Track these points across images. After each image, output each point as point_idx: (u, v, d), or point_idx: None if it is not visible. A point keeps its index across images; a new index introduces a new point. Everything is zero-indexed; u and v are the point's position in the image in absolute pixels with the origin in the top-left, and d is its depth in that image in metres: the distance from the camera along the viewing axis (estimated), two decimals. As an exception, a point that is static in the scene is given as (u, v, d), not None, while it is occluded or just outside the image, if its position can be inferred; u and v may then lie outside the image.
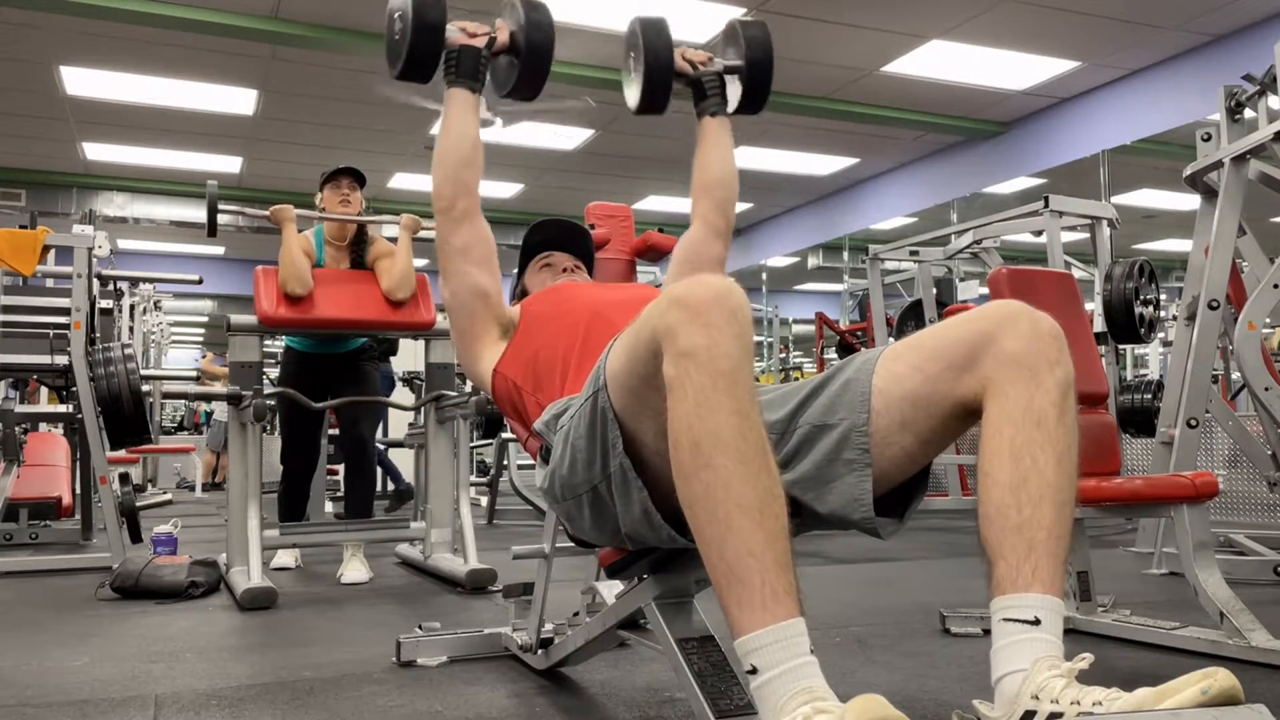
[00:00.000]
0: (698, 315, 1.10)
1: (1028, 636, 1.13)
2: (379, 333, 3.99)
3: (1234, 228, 3.15)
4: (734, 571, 1.07)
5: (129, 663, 2.24)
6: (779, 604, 1.06)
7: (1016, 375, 1.21)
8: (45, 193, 9.80)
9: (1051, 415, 1.20)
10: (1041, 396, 1.20)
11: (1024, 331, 1.23)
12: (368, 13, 6.31)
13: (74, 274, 3.85)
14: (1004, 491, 1.18)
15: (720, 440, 1.08)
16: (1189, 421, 3.15)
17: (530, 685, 2.02)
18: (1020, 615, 1.14)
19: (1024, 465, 1.18)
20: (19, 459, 4.07)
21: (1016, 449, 1.19)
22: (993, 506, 1.19)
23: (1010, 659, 1.13)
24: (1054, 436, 1.19)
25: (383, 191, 10.63)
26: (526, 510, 5.65)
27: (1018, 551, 1.16)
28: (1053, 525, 1.17)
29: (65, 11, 6.08)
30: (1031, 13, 6.23)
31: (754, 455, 1.08)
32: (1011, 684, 1.11)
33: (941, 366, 1.27)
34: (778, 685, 1.04)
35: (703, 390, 1.08)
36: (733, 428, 1.08)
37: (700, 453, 1.09)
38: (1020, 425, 1.20)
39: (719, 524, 1.08)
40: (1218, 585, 2.27)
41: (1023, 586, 1.15)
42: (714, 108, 1.98)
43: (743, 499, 1.07)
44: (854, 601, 3.06)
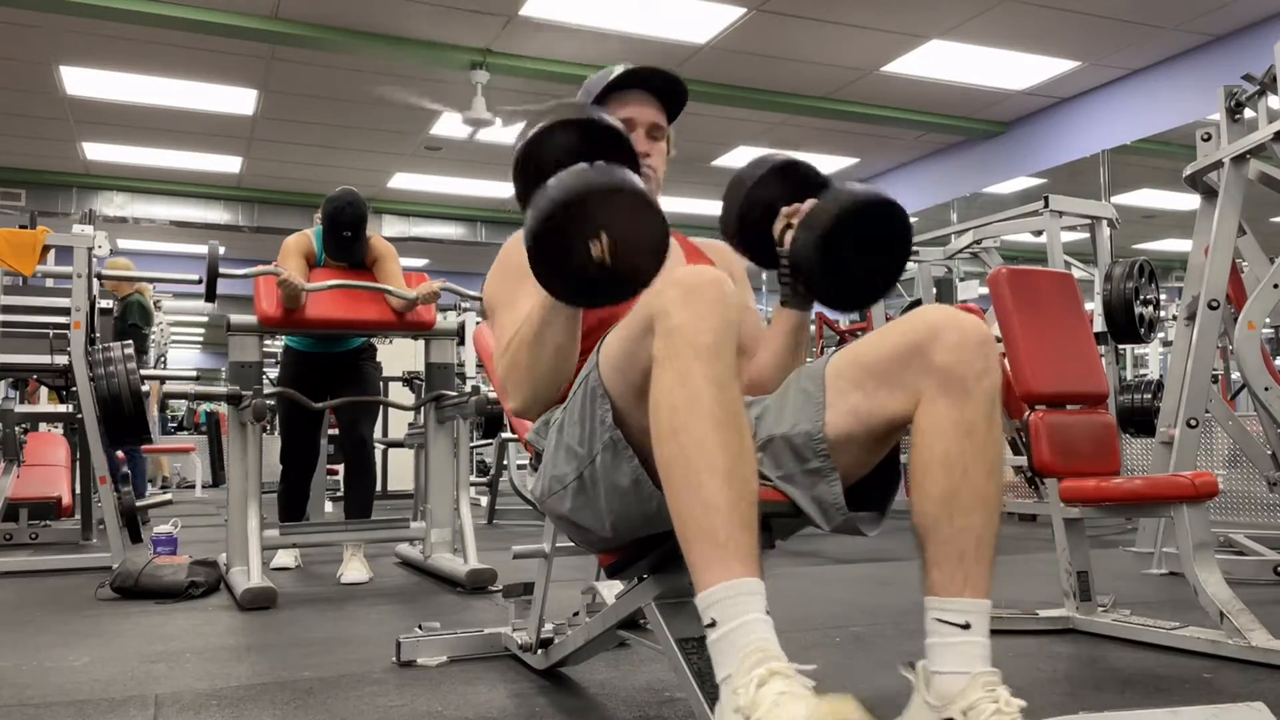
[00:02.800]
0: (690, 292, 1.18)
1: (961, 640, 1.22)
2: (379, 333, 3.99)
3: (1234, 228, 3.15)
4: (701, 528, 1.13)
5: (129, 663, 2.24)
6: (740, 562, 1.12)
7: (946, 388, 1.26)
8: (45, 193, 9.81)
9: (981, 427, 1.26)
10: (971, 409, 1.25)
11: (952, 343, 1.27)
12: (368, 13, 6.32)
13: (74, 274, 3.85)
14: (936, 504, 1.25)
15: (697, 405, 1.15)
16: (1189, 421, 3.15)
17: (530, 685, 2.02)
18: (953, 619, 1.23)
19: (955, 477, 1.25)
20: (19, 459, 4.07)
21: (949, 461, 1.25)
22: (927, 517, 1.26)
23: (944, 658, 1.23)
24: (984, 447, 1.26)
25: (383, 191, 10.64)
26: (526, 510, 5.65)
27: (950, 560, 1.24)
28: (982, 533, 1.25)
29: (65, 11, 6.08)
30: (1031, 13, 6.23)
31: (729, 421, 1.15)
32: (949, 685, 1.20)
33: (877, 383, 1.32)
34: (734, 638, 1.10)
35: (685, 360, 1.16)
36: (710, 395, 1.15)
37: (678, 416, 1.16)
38: (951, 438, 1.25)
39: (690, 483, 1.14)
40: (1218, 585, 2.27)
41: (955, 592, 1.24)
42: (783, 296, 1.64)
43: (714, 460, 1.14)
44: (854, 601, 3.06)
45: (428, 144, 9.04)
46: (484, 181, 10.14)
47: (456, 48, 6.83)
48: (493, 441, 5.77)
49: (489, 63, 6.92)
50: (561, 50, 6.88)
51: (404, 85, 7.39)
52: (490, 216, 11.34)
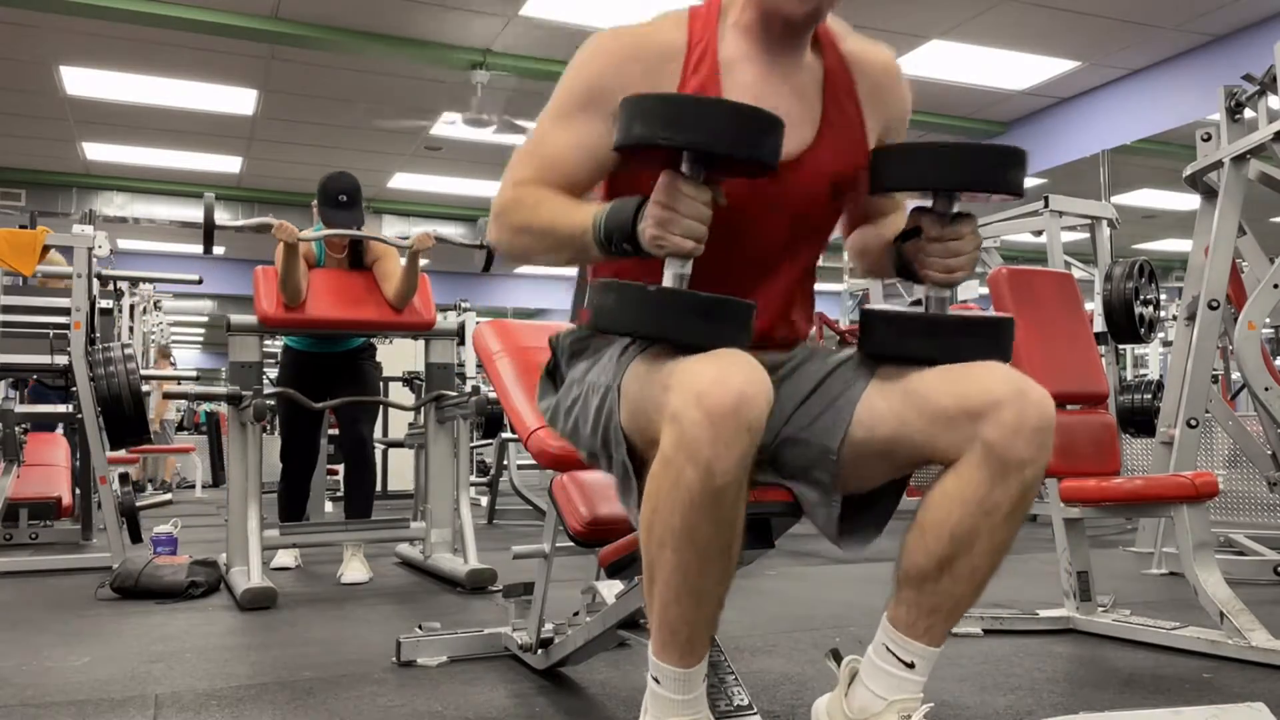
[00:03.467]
0: (714, 425, 1.10)
1: (900, 675, 1.26)
2: (379, 333, 3.99)
3: (1234, 228, 3.15)
4: (670, 628, 1.22)
5: (129, 663, 2.24)
6: (694, 654, 1.24)
7: (984, 463, 1.19)
8: (45, 193, 9.81)
9: (1003, 509, 1.20)
10: (1001, 492, 1.19)
11: (1007, 423, 1.18)
12: (368, 13, 6.32)
13: (74, 274, 3.85)
14: (931, 563, 1.23)
15: (694, 540, 1.15)
16: (1189, 421, 3.15)
17: (530, 685, 2.02)
18: (901, 655, 1.26)
19: (957, 547, 1.22)
20: (19, 459, 4.07)
21: (960, 532, 1.21)
22: (916, 569, 1.25)
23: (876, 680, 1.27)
24: (998, 529, 1.21)
25: (383, 191, 10.64)
26: (526, 510, 5.65)
27: (922, 610, 1.25)
28: (962, 600, 1.26)
29: (65, 11, 6.09)
30: (1031, 13, 6.23)
31: (718, 555, 1.18)
32: (868, 703, 1.27)
33: (922, 424, 1.24)
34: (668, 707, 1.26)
35: (693, 493, 1.12)
36: (708, 534, 1.15)
37: (674, 537, 1.16)
38: (971, 513, 1.20)
39: (668, 595, 1.20)
40: (1218, 585, 2.27)
41: (915, 635, 1.26)
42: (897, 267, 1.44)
43: (696, 587, 1.19)
44: (854, 601, 3.06)
45: (428, 144, 9.04)
46: (484, 181, 10.14)
47: (456, 48, 6.83)
48: (493, 441, 5.77)
49: (489, 63, 6.93)
50: (562, 50, 6.88)
51: (392, 96, 7.39)
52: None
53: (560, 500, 1.75)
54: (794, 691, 1.93)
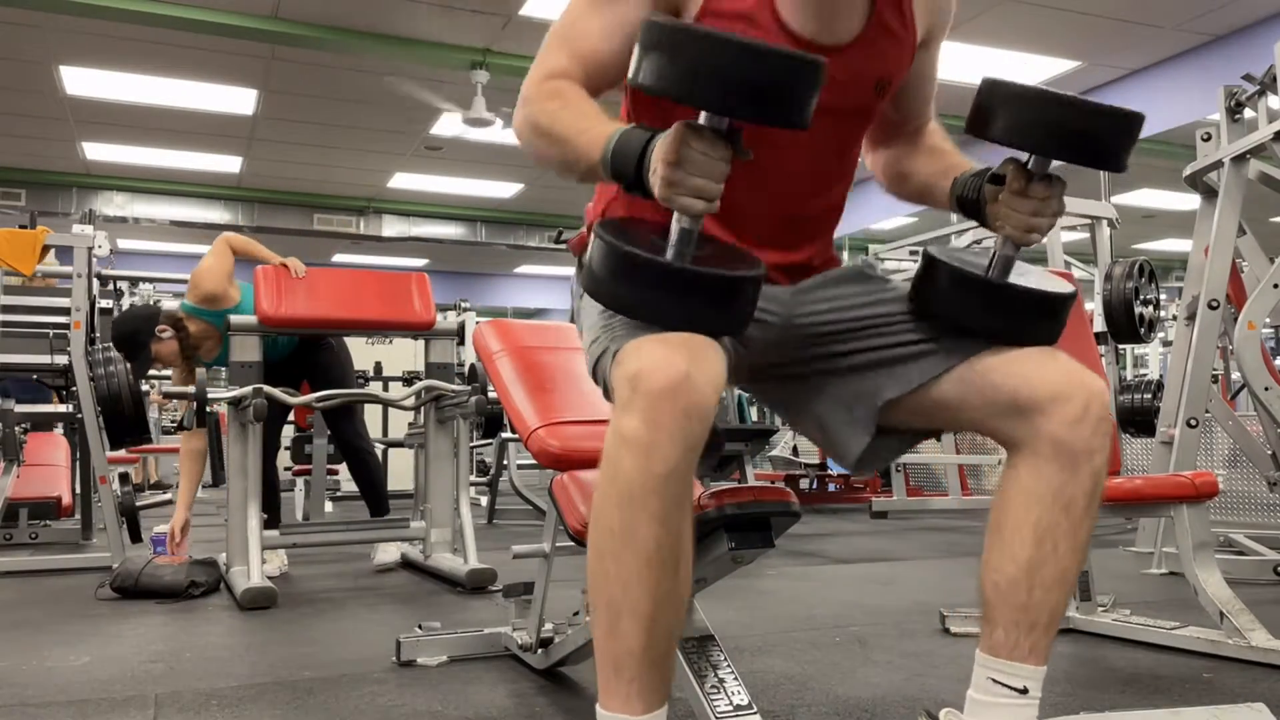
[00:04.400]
0: (650, 408, 1.04)
1: (1014, 703, 1.19)
2: (379, 333, 4.00)
3: (1234, 227, 3.15)
4: (612, 658, 1.11)
5: (129, 663, 2.24)
6: (641, 699, 1.10)
7: (1054, 456, 1.18)
8: (45, 193, 9.81)
9: (1080, 503, 1.19)
10: (1075, 485, 1.18)
11: (1073, 416, 1.18)
12: (368, 13, 6.32)
13: (74, 274, 3.85)
14: (1019, 569, 1.19)
15: (633, 541, 1.07)
16: (1189, 421, 3.15)
17: (530, 685, 2.02)
18: (1011, 682, 1.19)
19: (1044, 549, 1.18)
20: (19, 459, 4.07)
21: (1040, 532, 1.18)
22: (1005, 579, 1.20)
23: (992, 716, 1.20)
24: (1079, 525, 1.19)
25: (383, 191, 10.64)
26: (526, 510, 5.65)
27: (1020, 627, 1.19)
28: (1056, 608, 1.20)
29: (65, 11, 6.09)
30: (1031, 13, 6.24)
31: (661, 563, 1.08)
32: None
33: (982, 408, 1.24)
34: None
35: (631, 484, 1.06)
36: (648, 533, 1.07)
37: (613, 540, 1.09)
38: (1049, 508, 1.18)
39: (611, 616, 1.10)
40: (1218, 585, 2.27)
41: (1019, 657, 1.19)
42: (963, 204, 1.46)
43: (638, 604, 1.08)
44: (854, 601, 3.06)
45: (428, 144, 9.04)
46: (484, 181, 10.14)
47: (456, 48, 6.83)
48: (493, 441, 5.77)
49: (489, 63, 6.93)
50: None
51: (411, 80, 7.39)
52: (490, 216, 11.34)
53: (560, 500, 1.75)
54: (794, 691, 1.93)
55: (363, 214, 11.08)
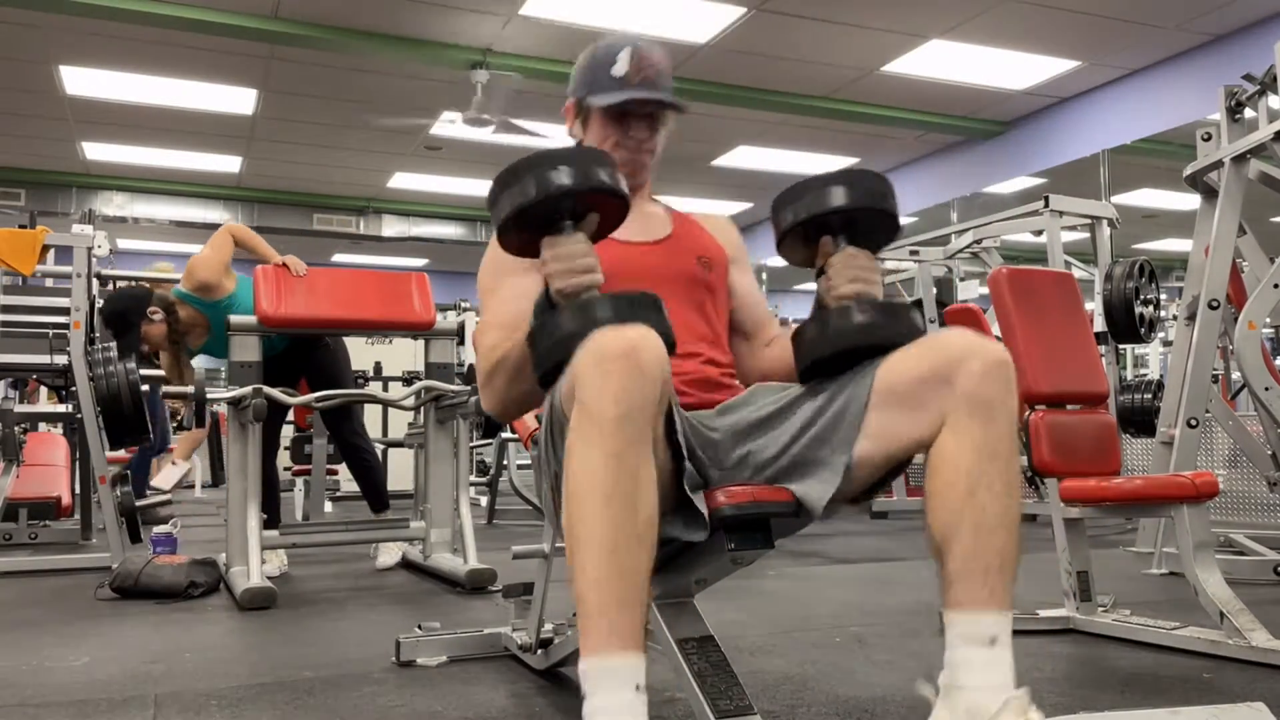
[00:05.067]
0: (599, 363, 1.19)
1: (988, 655, 1.24)
2: (379, 333, 4.01)
3: (1234, 227, 3.15)
4: (582, 600, 1.18)
5: (129, 663, 2.24)
6: (614, 638, 1.16)
7: (971, 412, 1.29)
8: (45, 192, 9.80)
9: (1003, 449, 1.29)
10: (994, 432, 1.29)
11: (976, 371, 1.30)
12: (368, 13, 6.32)
13: (74, 274, 3.85)
14: (959, 518, 1.27)
15: (591, 479, 1.17)
16: (1189, 421, 3.15)
17: (530, 685, 2.02)
18: (977, 633, 1.25)
19: (979, 495, 1.27)
20: (18, 459, 4.07)
21: (973, 480, 1.28)
22: (950, 530, 1.28)
23: (973, 673, 1.24)
24: (1006, 468, 1.29)
25: (383, 191, 10.64)
26: (526, 510, 5.65)
27: (975, 575, 1.26)
28: (1005, 549, 1.27)
29: (65, 11, 6.09)
30: (1031, 13, 6.23)
31: (619, 497, 1.17)
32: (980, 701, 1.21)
33: (906, 409, 1.35)
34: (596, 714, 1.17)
35: (587, 433, 1.18)
36: (604, 470, 1.17)
37: (574, 487, 1.19)
38: (976, 458, 1.28)
39: (577, 555, 1.18)
40: (1218, 585, 2.27)
41: (980, 605, 1.25)
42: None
43: (599, 537, 1.17)
44: (854, 601, 3.06)
45: (428, 144, 9.04)
46: (484, 181, 10.07)
47: (456, 48, 6.83)
48: (493, 441, 5.77)
49: (489, 63, 6.93)
50: (562, 50, 6.88)
51: (392, 96, 7.39)
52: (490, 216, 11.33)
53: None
54: (794, 691, 1.93)
55: (362, 214, 11.08)
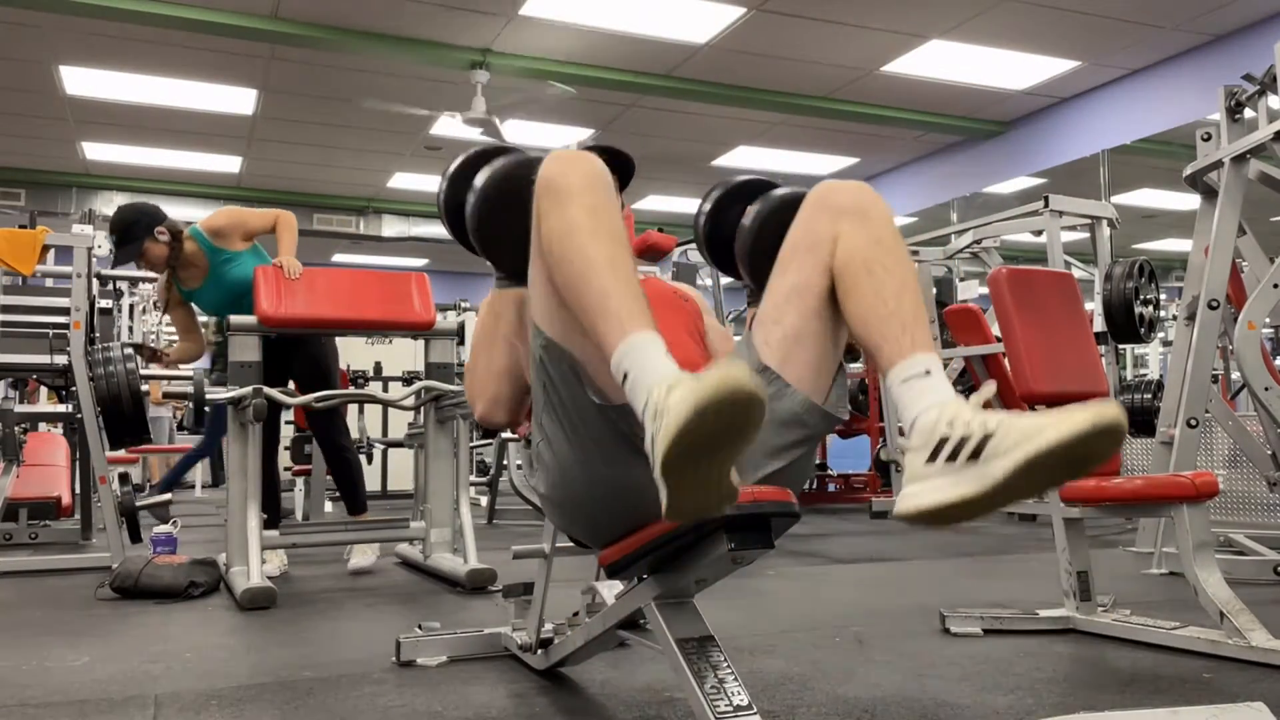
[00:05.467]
0: (556, 158, 1.37)
1: (927, 384, 1.31)
2: (379, 332, 4.00)
3: (1234, 227, 3.15)
4: (599, 309, 1.26)
5: (129, 663, 2.24)
6: (635, 321, 1.24)
7: (849, 221, 1.46)
8: (45, 193, 9.80)
9: (888, 236, 1.45)
10: (875, 226, 1.45)
11: (839, 193, 1.50)
12: (368, 13, 6.32)
13: (74, 274, 3.85)
14: (869, 296, 1.40)
15: (574, 226, 1.31)
16: (1189, 421, 3.15)
17: (530, 685, 2.02)
18: (914, 372, 1.32)
19: (878, 274, 1.41)
20: (19, 459, 4.07)
21: (869, 264, 1.42)
22: (864, 309, 1.41)
23: (918, 401, 1.30)
24: (894, 249, 1.45)
25: (383, 191, 10.64)
26: (526, 510, 5.65)
27: (894, 332, 1.36)
28: (915, 308, 1.39)
29: (65, 11, 6.09)
30: (1031, 13, 6.24)
31: (605, 234, 1.31)
32: (926, 419, 1.26)
33: (801, 246, 1.51)
34: (644, 376, 1.19)
35: (558, 200, 1.33)
36: (583, 219, 1.31)
37: (562, 242, 1.31)
38: (866, 248, 1.44)
39: (582, 281, 1.28)
40: (1218, 585, 2.27)
41: (908, 352, 1.34)
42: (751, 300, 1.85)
43: (596, 256, 1.29)
44: (854, 601, 3.06)
45: (428, 144, 9.04)
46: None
47: (456, 48, 6.83)
48: (493, 441, 5.77)
49: (489, 63, 6.93)
50: (562, 50, 6.88)
51: (398, 88, 7.39)
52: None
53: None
54: (794, 691, 1.93)
55: (362, 214, 11.09)
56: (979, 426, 1.19)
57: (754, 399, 1.07)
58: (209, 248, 3.74)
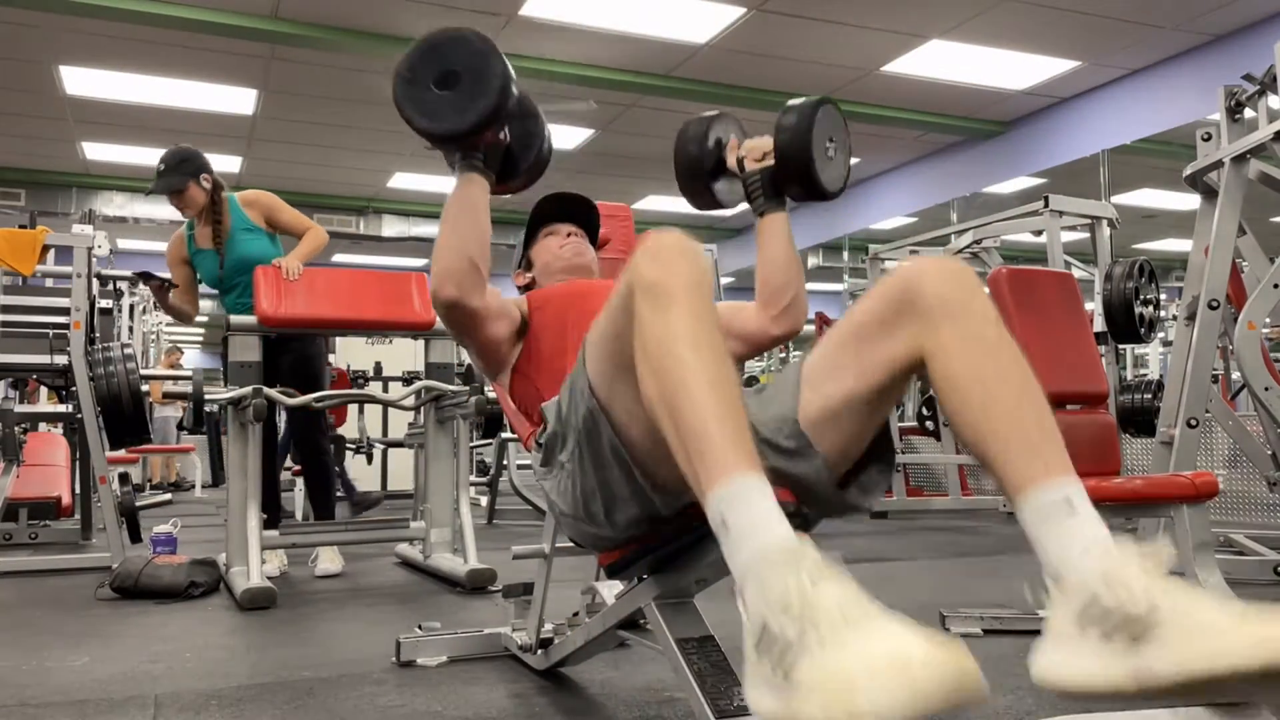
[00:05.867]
0: (659, 253, 1.21)
1: (1071, 522, 1.07)
2: (378, 332, 4.00)
3: (1234, 227, 3.15)
4: (697, 439, 1.10)
5: (129, 663, 2.24)
6: (740, 460, 1.07)
7: (943, 316, 1.24)
8: (45, 193, 9.80)
9: (990, 334, 1.23)
10: (973, 324, 1.23)
11: (936, 278, 1.27)
12: (368, 13, 6.32)
13: (74, 274, 3.85)
14: (979, 411, 1.19)
15: (674, 335, 1.16)
16: (1189, 421, 3.15)
17: (530, 685, 2.02)
18: (1050, 504, 1.09)
19: (986, 380, 1.20)
20: (19, 459, 4.07)
21: (973, 371, 1.21)
22: (978, 429, 1.18)
23: (1063, 544, 1.07)
24: (1001, 349, 1.22)
25: (383, 191, 10.64)
26: (526, 510, 5.65)
27: (1021, 454, 1.14)
28: (1039, 420, 1.17)
29: (65, 11, 6.08)
30: (1031, 13, 6.23)
31: (706, 345, 1.16)
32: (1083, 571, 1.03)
33: (874, 331, 1.31)
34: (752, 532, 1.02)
35: (659, 304, 1.18)
36: (685, 324, 1.16)
37: (659, 347, 1.17)
38: (966, 350, 1.22)
39: (679, 401, 1.12)
40: (1218, 585, 2.27)
41: (1040, 478, 1.11)
42: (760, 208, 1.82)
43: (698, 374, 1.13)
44: (854, 601, 3.05)
45: (428, 144, 9.03)
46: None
47: (456, 48, 6.82)
48: (493, 441, 5.78)
49: (489, 63, 6.92)
50: (561, 50, 6.88)
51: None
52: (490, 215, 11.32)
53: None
54: (794, 691, 1.92)
55: (363, 214, 11.08)
56: (1145, 600, 0.98)
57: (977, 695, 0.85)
58: (236, 212, 3.85)
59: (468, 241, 1.64)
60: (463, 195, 1.67)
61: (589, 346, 1.36)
